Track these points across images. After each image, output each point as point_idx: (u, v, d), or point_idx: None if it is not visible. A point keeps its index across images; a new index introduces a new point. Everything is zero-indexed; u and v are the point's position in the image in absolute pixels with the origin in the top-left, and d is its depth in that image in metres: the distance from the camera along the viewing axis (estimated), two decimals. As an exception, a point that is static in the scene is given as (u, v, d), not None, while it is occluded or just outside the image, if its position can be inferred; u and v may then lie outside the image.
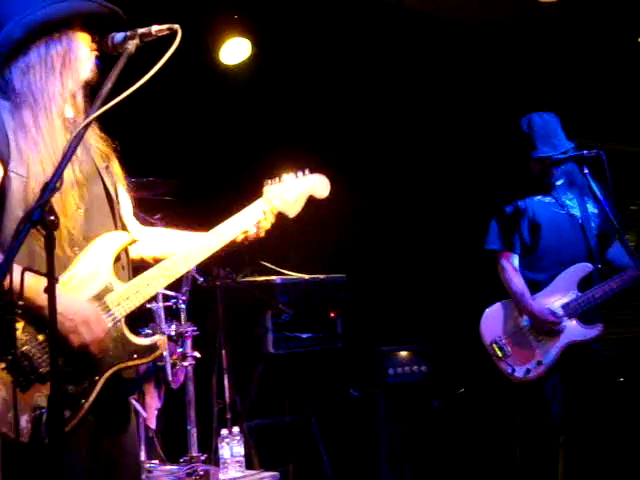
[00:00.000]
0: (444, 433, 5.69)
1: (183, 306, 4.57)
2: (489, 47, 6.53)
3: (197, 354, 4.58)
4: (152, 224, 3.84)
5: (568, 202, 4.21)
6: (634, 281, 4.01)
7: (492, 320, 4.21)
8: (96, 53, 2.52)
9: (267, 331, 5.20)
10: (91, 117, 2.22)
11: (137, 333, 2.51)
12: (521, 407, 4.18)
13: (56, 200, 2.21)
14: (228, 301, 5.01)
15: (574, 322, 4.08)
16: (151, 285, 2.49)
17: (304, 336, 5.34)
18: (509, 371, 4.08)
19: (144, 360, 2.48)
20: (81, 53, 2.52)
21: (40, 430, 2.21)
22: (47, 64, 2.46)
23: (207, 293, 4.93)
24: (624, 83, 7.13)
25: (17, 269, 2.00)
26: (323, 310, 5.46)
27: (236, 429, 4.62)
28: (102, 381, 2.36)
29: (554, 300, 4.10)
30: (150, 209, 4.29)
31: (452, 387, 5.91)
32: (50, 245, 2.03)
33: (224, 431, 4.61)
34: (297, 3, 5.67)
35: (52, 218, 2.02)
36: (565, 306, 4.07)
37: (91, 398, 2.33)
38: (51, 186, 2.04)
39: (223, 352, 4.89)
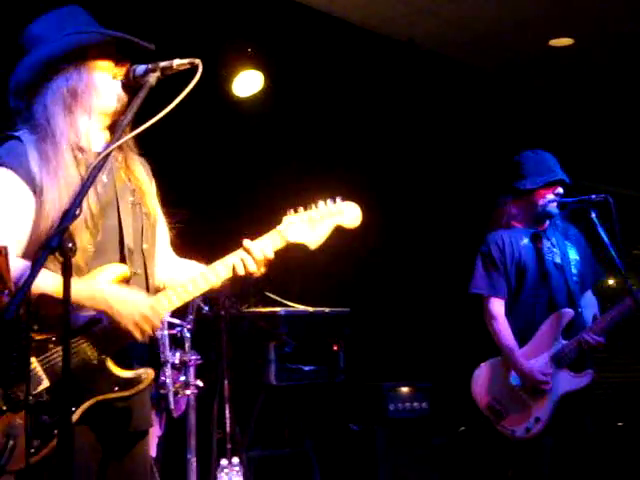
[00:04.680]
0: (444, 471, 5.67)
1: (188, 334, 4.57)
2: (497, 88, 6.61)
3: (200, 383, 4.59)
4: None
5: (552, 247, 4.19)
6: (617, 324, 3.97)
7: (482, 383, 4.12)
8: (120, 81, 2.55)
9: (269, 362, 5.21)
10: (110, 148, 2.28)
11: (126, 365, 2.49)
12: (513, 461, 4.11)
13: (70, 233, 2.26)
14: (232, 331, 5.03)
15: (564, 372, 4.01)
16: None
17: (306, 368, 5.35)
18: (509, 433, 3.99)
19: (125, 393, 2.46)
20: (99, 84, 2.56)
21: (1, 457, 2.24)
22: (58, 100, 2.52)
23: (212, 322, 4.95)
24: (618, 125, 7.21)
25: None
26: (326, 343, 5.47)
27: (236, 460, 4.62)
28: (79, 412, 2.36)
29: (542, 352, 4.02)
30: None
31: (453, 425, 5.91)
32: (67, 272, 2.05)
33: (224, 461, 4.61)
34: (310, 37, 5.74)
35: (70, 245, 2.04)
36: (553, 357, 4.00)
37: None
38: (71, 213, 2.06)
39: (225, 382, 4.89)
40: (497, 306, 4.12)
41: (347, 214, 2.66)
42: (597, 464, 4.07)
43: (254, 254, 2.54)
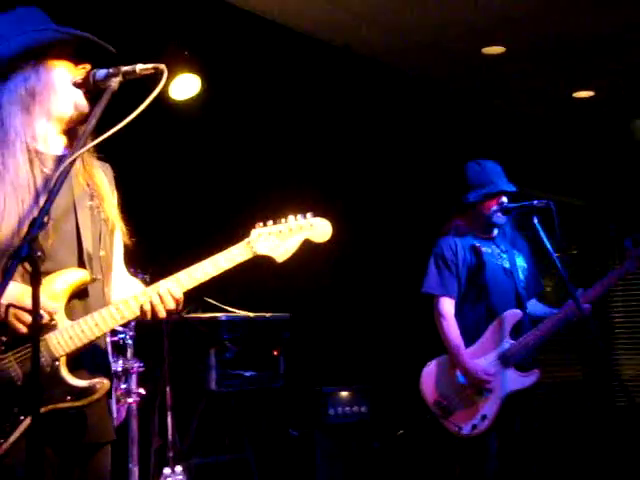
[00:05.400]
0: (383, 475, 5.71)
1: (130, 341, 4.51)
2: (437, 95, 6.70)
3: (142, 391, 4.52)
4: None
5: (501, 253, 4.30)
6: (562, 324, 4.09)
7: (431, 380, 4.19)
8: (80, 86, 2.50)
9: (210, 368, 5.16)
10: (75, 154, 2.23)
11: (81, 373, 2.44)
12: (460, 458, 4.18)
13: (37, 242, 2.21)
14: (173, 337, 4.97)
15: (511, 371, 4.11)
16: (99, 326, 2.43)
17: (247, 374, 5.32)
18: (455, 430, 4.06)
19: (77, 403, 2.40)
20: (58, 86, 2.51)
21: None
22: (16, 100, 2.47)
23: (153, 328, 4.88)
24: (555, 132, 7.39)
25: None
26: (266, 348, 5.45)
27: (179, 468, 4.57)
28: (28, 421, 2.30)
29: (489, 351, 4.13)
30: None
31: (392, 428, 5.96)
32: (36, 281, 2.00)
33: (166, 470, 4.55)
34: (247, 41, 5.72)
35: (39, 254, 2.00)
36: (501, 356, 4.11)
37: (12, 438, 2.28)
38: (39, 222, 2.02)
39: (167, 389, 4.83)
40: (447, 305, 4.21)
41: (317, 229, 2.67)
42: (533, 463, 4.16)
43: (166, 302, 2.49)
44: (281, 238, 2.63)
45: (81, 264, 2.48)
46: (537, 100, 7.18)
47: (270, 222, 2.65)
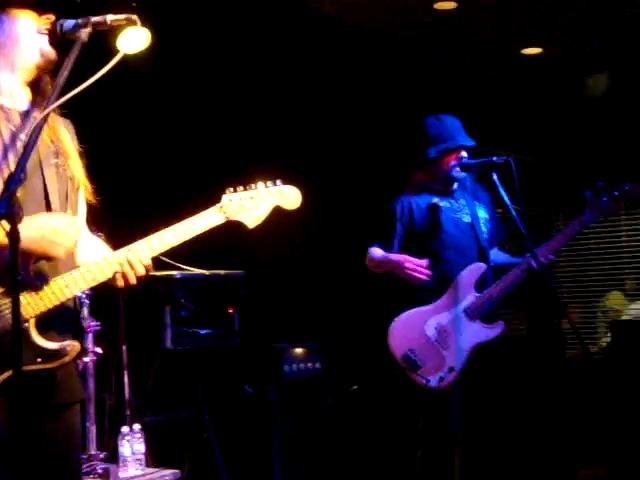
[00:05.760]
0: (337, 430, 5.76)
1: (86, 300, 4.44)
2: (389, 52, 6.66)
3: (99, 350, 4.47)
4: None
5: (461, 207, 4.34)
6: (523, 277, 4.16)
7: (399, 333, 4.20)
8: (45, 34, 2.42)
9: (165, 326, 5.12)
10: (48, 109, 2.17)
11: (50, 335, 2.39)
12: (424, 411, 4.24)
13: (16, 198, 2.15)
14: (129, 296, 4.90)
15: (477, 323, 4.19)
16: (69, 287, 2.41)
17: (202, 332, 5.29)
18: (423, 382, 4.09)
19: (48, 365, 2.37)
20: (22, 36, 2.43)
21: None
22: None
23: (108, 287, 4.79)
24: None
25: None
26: (222, 306, 5.42)
27: (137, 426, 4.54)
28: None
29: (455, 304, 4.17)
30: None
31: (346, 384, 6.00)
32: (15, 239, 1.94)
33: (125, 428, 4.52)
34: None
35: (18, 212, 1.94)
36: (467, 309, 4.17)
37: None
38: (16, 178, 1.95)
39: (124, 347, 4.78)
40: (374, 249, 4.31)
41: (287, 196, 2.71)
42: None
43: (136, 268, 2.52)
44: (252, 205, 2.65)
45: None
46: (485, 57, 7.19)
47: (240, 188, 2.65)
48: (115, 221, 3.93)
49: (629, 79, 7.33)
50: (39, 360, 2.34)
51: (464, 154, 4.23)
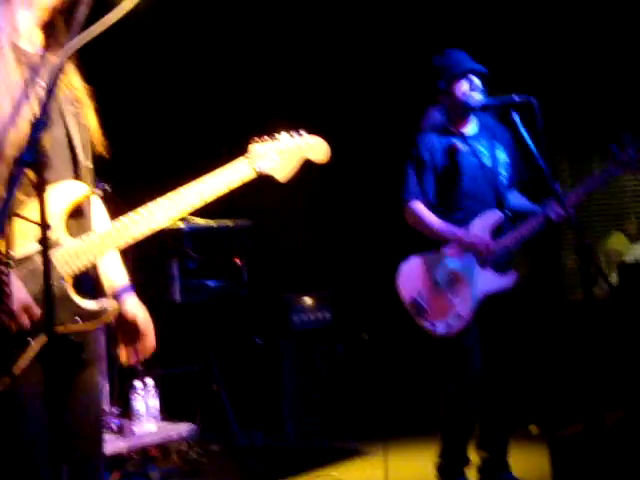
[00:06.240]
0: (349, 379, 5.72)
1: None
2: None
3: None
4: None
5: (481, 150, 4.21)
6: (542, 226, 4.06)
7: (408, 277, 4.10)
8: None
9: (173, 279, 5.03)
10: (71, 50, 2.02)
11: (88, 295, 2.26)
12: (441, 359, 4.16)
13: (12, 142, 2.04)
14: (135, 248, 4.78)
15: (488, 271, 4.06)
16: (104, 244, 2.27)
17: (210, 283, 5.20)
18: (430, 327, 4.01)
19: (88, 325, 2.24)
20: None
21: None
22: None
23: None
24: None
25: None
26: (229, 257, 5.32)
27: (150, 381, 4.47)
28: (38, 345, 2.14)
29: (466, 251, 4.05)
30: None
31: (355, 333, 5.94)
32: (42, 188, 1.82)
33: (137, 382, 4.45)
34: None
35: (45, 159, 1.82)
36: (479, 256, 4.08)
37: (21, 363, 2.11)
38: (41, 123, 1.83)
39: (133, 301, 4.68)
40: (419, 206, 4.12)
41: (315, 148, 2.51)
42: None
43: None
44: (281, 157, 2.45)
45: (77, 176, 2.30)
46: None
47: (266, 137, 2.45)
48: (127, 176, 3.83)
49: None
50: (77, 319, 2.22)
51: (475, 79, 4.09)
